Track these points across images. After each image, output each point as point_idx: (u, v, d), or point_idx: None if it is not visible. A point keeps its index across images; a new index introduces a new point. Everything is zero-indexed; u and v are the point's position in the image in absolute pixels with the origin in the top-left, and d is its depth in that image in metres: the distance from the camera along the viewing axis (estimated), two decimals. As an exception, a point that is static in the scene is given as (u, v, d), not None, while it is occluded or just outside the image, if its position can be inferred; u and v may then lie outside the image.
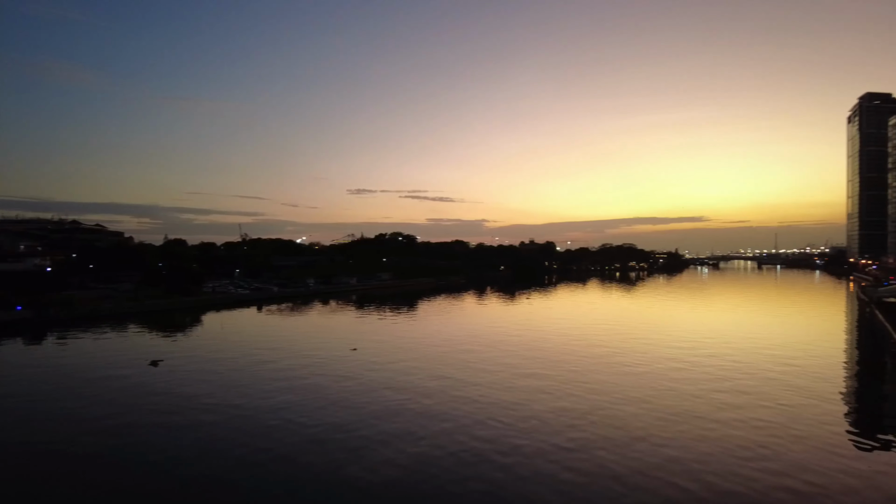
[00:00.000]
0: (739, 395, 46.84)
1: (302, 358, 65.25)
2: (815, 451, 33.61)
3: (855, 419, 42.17)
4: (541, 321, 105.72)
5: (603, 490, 28.29)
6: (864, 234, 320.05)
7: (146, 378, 55.48)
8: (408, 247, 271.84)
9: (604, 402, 44.98)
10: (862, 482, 29.10)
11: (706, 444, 34.69)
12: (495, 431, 37.44)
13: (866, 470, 30.94)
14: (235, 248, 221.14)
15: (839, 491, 27.89)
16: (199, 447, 35.16)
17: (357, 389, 49.77)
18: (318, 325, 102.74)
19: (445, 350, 70.82)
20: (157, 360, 63.11)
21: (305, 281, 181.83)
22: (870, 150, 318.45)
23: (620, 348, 70.91)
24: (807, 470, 30.43)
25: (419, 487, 28.92)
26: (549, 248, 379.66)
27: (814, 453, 33.14)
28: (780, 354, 65.61)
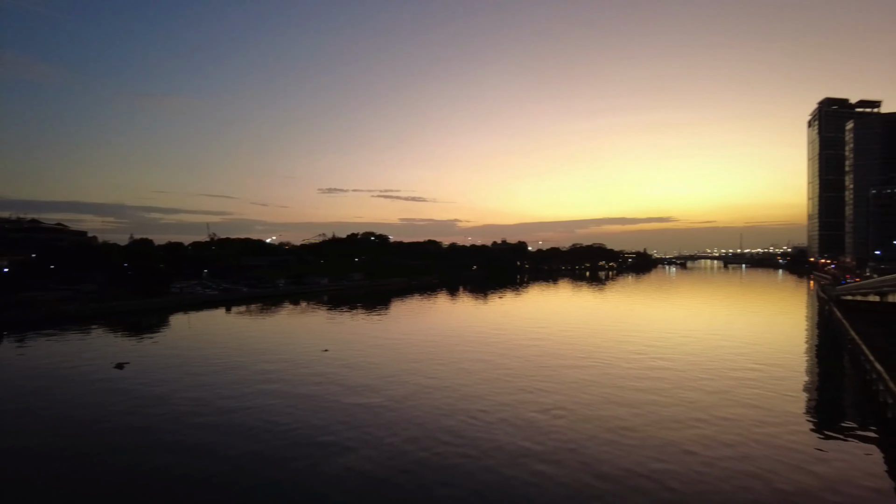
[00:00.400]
0: (706, 393, 47.94)
1: (272, 359, 64.41)
2: (778, 448, 34.59)
3: (816, 416, 43.52)
4: (513, 321, 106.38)
5: (576, 487, 28.66)
6: (824, 234, 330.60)
7: (111, 380, 54.16)
8: (380, 247, 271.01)
9: (579, 400, 45.55)
10: (821, 477, 30.12)
11: (675, 441, 35.43)
12: (470, 429, 37.56)
13: (826, 464, 32.05)
14: (203, 247, 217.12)
15: (801, 486, 28.79)
16: (167, 450, 34.48)
17: (329, 390, 49.35)
18: (289, 327, 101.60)
19: (418, 350, 70.74)
20: (122, 363, 61.58)
21: (275, 281, 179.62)
22: (828, 154, 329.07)
23: (591, 348, 71.87)
24: (770, 466, 31.34)
25: (395, 487, 28.92)
26: (521, 247, 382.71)
27: (776, 450, 34.11)
28: (745, 352, 67.40)
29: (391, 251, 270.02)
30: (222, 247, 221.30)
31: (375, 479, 29.81)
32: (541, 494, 27.86)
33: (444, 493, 28.28)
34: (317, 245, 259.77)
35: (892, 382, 40.26)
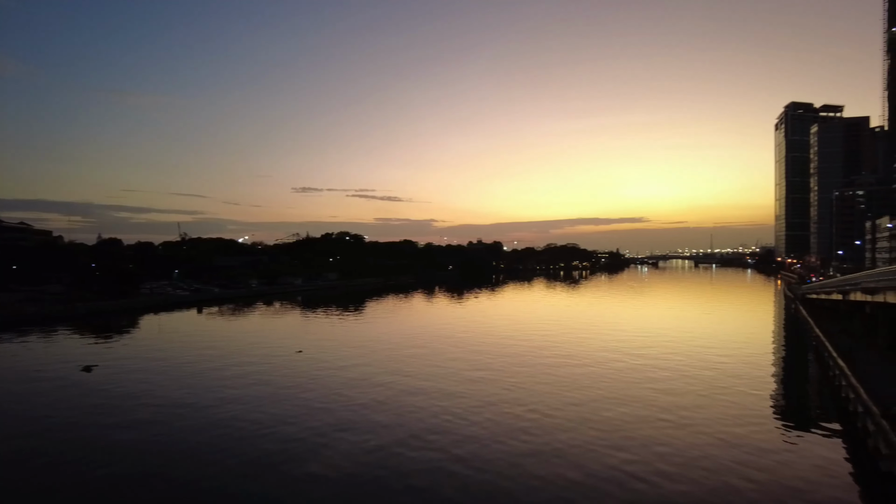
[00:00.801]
0: (676, 391, 48.84)
1: (246, 361, 63.53)
2: (746, 443, 35.40)
3: (783, 411, 44.66)
4: (488, 320, 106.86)
5: (559, 485, 28.93)
6: (790, 234, 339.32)
7: (79, 384, 52.77)
8: (355, 246, 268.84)
9: (557, 399, 45.95)
10: (788, 470, 30.94)
11: (647, 438, 36.02)
12: (447, 429, 37.56)
13: (793, 458, 32.93)
14: (174, 247, 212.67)
15: (769, 480, 29.54)
16: (138, 453, 33.71)
17: (304, 392, 48.86)
18: (262, 328, 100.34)
19: (394, 351, 70.56)
20: (90, 366, 60.07)
21: (248, 281, 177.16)
22: (794, 156, 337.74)
23: (566, 348, 72.60)
24: (739, 459, 32.07)
25: (376, 487, 28.77)
26: (497, 247, 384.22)
27: (744, 446, 34.89)
28: (715, 350, 68.88)
29: (366, 251, 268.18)
30: (194, 247, 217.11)
31: (355, 480, 29.65)
32: (525, 493, 28.04)
33: (426, 491, 28.26)
34: (291, 245, 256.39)
35: (853, 378, 41.53)
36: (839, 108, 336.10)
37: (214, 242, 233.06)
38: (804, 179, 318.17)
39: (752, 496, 27.47)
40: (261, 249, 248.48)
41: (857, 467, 31.86)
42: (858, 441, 34.79)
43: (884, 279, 53.51)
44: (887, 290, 51.25)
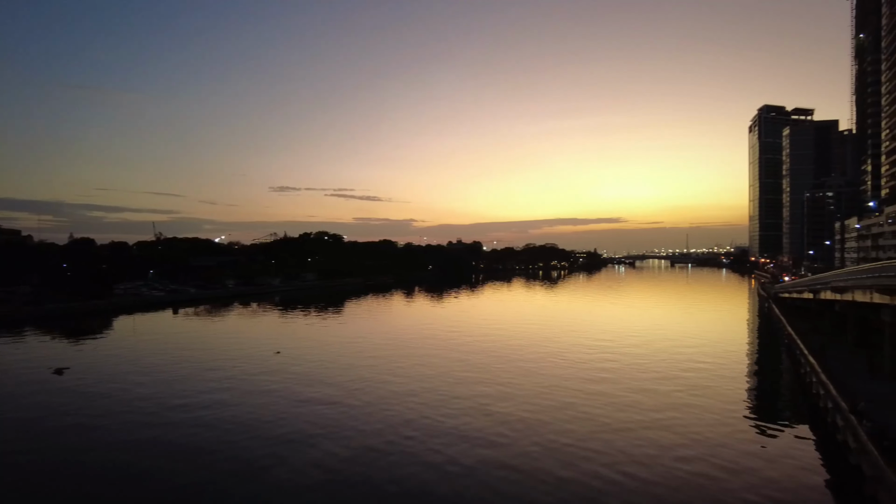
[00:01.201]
0: (655, 387, 49.52)
1: (223, 363, 62.74)
2: (722, 438, 36.06)
3: (756, 407, 45.56)
4: (469, 320, 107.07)
5: (541, 479, 29.08)
6: (764, 234, 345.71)
7: (51, 386, 51.54)
8: (334, 246, 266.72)
9: (536, 397, 46.24)
10: (761, 463, 31.55)
11: (627, 434, 36.45)
12: (431, 428, 37.53)
13: (765, 452, 33.61)
14: (149, 247, 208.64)
15: (743, 472, 30.09)
16: (116, 455, 33.05)
17: (282, 393, 48.43)
18: (240, 329, 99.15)
19: (373, 351, 70.30)
20: (62, 368, 58.75)
21: (225, 282, 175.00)
22: (767, 158, 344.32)
23: (545, 346, 73.14)
24: (714, 454, 32.63)
25: (359, 485, 28.62)
26: (477, 247, 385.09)
27: (720, 441, 35.54)
28: (691, 348, 69.95)
29: (345, 251, 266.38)
30: (169, 247, 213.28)
31: (340, 479, 29.44)
32: (508, 491, 28.12)
33: (412, 490, 28.17)
34: (268, 245, 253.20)
35: (823, 376, 42.52)
36: (810, 112, 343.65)
37: (190, 242, 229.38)
38: (777, 181, 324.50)
39: (728, 489, 27.94)
40: (238, 249, 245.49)
41: (827, 461, 32.63)
42: (829, 436, 35.63)
43: (852, 279, 54.89)
44: (855, 289, 52.57)
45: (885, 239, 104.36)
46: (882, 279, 43.42)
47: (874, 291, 45.76)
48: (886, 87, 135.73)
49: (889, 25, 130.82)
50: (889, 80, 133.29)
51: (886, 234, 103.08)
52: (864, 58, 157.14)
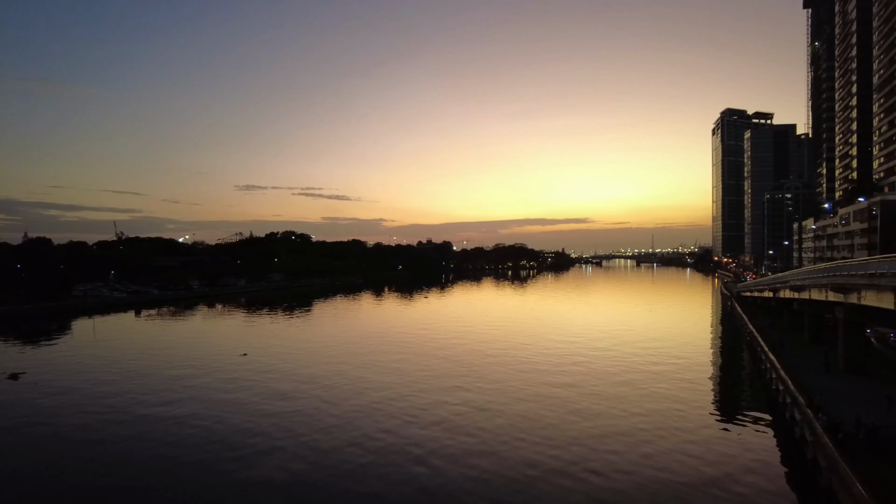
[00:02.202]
0: (621, 385, 50.37)
1: (187, 365, 61.35)
2: (686, 433, 36.87)
3: (719, 402, 46.67)
4: (439, 321, 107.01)
5: (509, 479, 29.20)
6: (726, 235, 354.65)
7: (6, 392, 49.57)
8: (301, 246, 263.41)
9: (505, 396, 46.49)
10: (723, 456, 32.36)
11: (593, 431, 36.93)
12: (397, 428, 37.37)
13: (727, 445, 34.49)
14: (110, 247, 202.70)
15: (705, 465, 30.79)
16: (76, 460, 31.96)
17: (249, 396, 47.59)
18: (205, 331, 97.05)
19: (342, 353, 69.72)
20: (17, 373, 56.65)
21: (189, 283, 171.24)
22: (730, 160, 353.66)
23: (514, 346, 73.63)
24: (678, 448, 33.33)
25: (315, 490, 28.27)
26: (447, 247, 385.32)
27: (684, 436, 36.33)
28: (657, 346, 71.32)
29: (313, 251, 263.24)
30: (131, 246, 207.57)
31: (306, 481, 29.05)
32: (475, 489, 28.15)
33: (377, 491, 27.96)
34: (233, 245, 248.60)
35: (782, 372, 43.84)
36: (770, 116, 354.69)
37: (153, 242, 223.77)
38: (739, 182, 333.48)
39: (690, 482, 28.54)
40: (202, 249, 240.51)
41: (785, 454, 33.64)
42: (787, 429, 36.75)
43: (808, 278, 56.78)
44: (811, 288, 54.39)
45: (838, 239, 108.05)
46: (836, 278, 45.01)
47: (829, 290, 47.42)
48: (839, 94, 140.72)
49: (841, 35, 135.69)
50: (841, 88, 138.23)
51: (840, 235, 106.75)
52: (819, 65, 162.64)
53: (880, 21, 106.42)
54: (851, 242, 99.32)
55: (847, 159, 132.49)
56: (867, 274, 36.82)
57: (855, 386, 42.03)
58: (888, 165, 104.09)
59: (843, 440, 27.88)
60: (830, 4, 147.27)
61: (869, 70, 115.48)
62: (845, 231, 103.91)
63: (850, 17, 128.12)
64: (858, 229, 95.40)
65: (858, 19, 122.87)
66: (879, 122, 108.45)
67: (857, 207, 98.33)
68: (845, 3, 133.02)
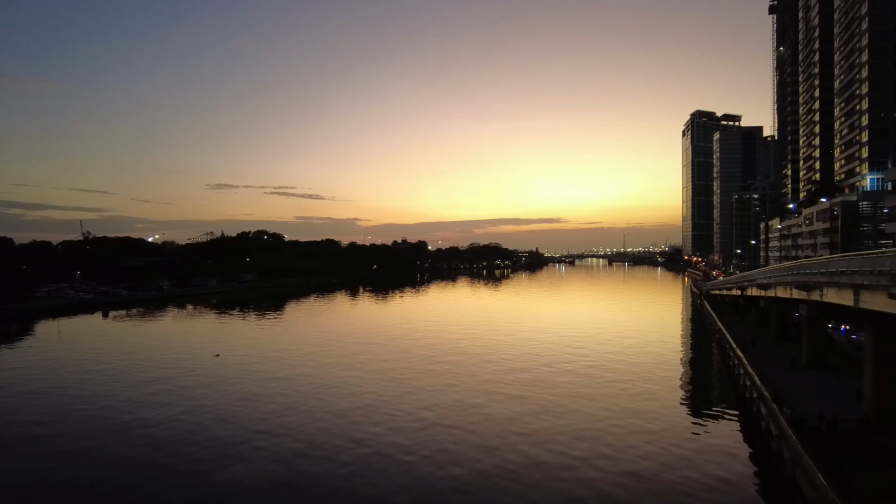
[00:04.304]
0: (592, 382, 51.17)
1: (159, 367, 60.24)
2: (656, 428, 37.69)
3: (688, 397, 47.80)
4: (413, 321, 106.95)
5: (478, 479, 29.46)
6: (696, 234, 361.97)
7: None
8: (274, 246, 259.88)
9: (479, 396, 46.82)
10: (693, 451, 33.17)
11: (564, 428, 37.47)
12: (367, 431, 37.32)
13: (696, 440, 35.39)
14: (77, 247, 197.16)
15: (674, 459, 31.54)
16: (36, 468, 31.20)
17: (222, 397, 47.01)
18: (176, 331, 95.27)
19: (315, 353, 69.27)
20: (-24, 377, 54.90)
21: (159, 283, 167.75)
22: (699, 161, 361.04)
23: (486, 347, 74.15)
24: (649, 444, 34.09)
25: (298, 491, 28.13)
26: (422, 247, 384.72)
27: (655, 431, 37.13)
28: (628, 343, 72.57)
29: (286, 251, 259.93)
30: (98, 246, 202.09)
31: (278, 483, 28.87)
32: (450, 489, 28.33)
33: (347, 494, 27.95)
34: (204, 244, 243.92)
35: (749, 367, 45.06)
36: (738, 118, 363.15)
37: (121, 242, 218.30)
38: (708, 183, 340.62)
39: (659, 474, 29.20)
40: (172, 249, 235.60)
41: (752, 447, 34.64)
42: (754, 423, 37.82)
43: (774, 276, 58.44)
44: (777, 286, 55.97)
45: (802, 239, 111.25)
46: (799, 276, 46.44)
47: (793, 288, 48.88)
48: (803, 98, 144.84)
49: (805, 40, 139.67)
50: (805, 92, 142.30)
51: (804, 235, 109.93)
52: (784, 69, 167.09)
53: (840, 28, 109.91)
54: (814, 242, 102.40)
55: (811, 161, 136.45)
56: (828, 272, 38.09)
57: (818, 380, 43.44)
58: (848, 167, 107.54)
59: (805, 433, 28.84)
60: (794, 11, 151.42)
61: (830, 75, 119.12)
62: (809, 231, 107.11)
63: (813, 24, 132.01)
64: (821, 229, 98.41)
65: (820, 25, 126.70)
66: (840, 125, 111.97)
67: (819, 208, 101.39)
68: (808, 10, 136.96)
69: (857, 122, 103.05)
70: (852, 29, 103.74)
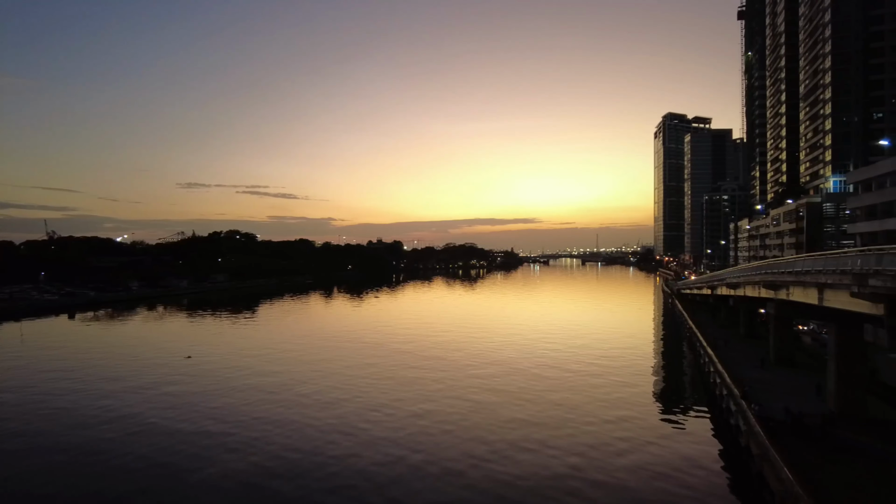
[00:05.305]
0: (565, 380, 51.74)
1: (128, 369, 58.95)
2: (629, 425, 38.29)
3: (660, 395, 48.63)
4: (388, 322, 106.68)
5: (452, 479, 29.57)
6: (668, 234, 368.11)
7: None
8: (246, 246, 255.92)
9: (457, 396, 46.94)
10: (664, 447, 33.79)
11: (538, 425, 37.82)
12: (342, 433, 37.18)
13: (667, 436, 36.04)
14: (40, 247, 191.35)
15: (646, 455, 32.09)
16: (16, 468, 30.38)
17: (195, 398, 46.24)
18: (147, 333, 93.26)
19: (286, 354, 68.63)
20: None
21: (128, 284, 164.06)
22: (671, 163, 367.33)
23: (463, 348, 74.38)
24: (622, 440, 34.62)
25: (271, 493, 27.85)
26: (397, 247, 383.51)
27: (627, 428, 37.72)
28: (601, 341, 73.55)
29: (259, 251, 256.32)
30: (64, 246, 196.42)
31: (249, 486, 28.53)
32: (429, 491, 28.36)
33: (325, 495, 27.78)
34: (175, 244, 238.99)
35: (719, 365, 46.07)
36: (708, 121, 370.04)
37: (88, 242, 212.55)
38: (679, 184, 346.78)
39: (631, 470, 29.68)
40: (142, 249, 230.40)
41: (722, 443, 35.45)
42: (724, 420, 38.68)
43: (743, 275, 59.77)
44: (746, 285, 57.26)
45: (770, 239, 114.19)
46: (767, 276, 47.61)
47: (761, 287, 50.08)
48: (770, 102, 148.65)
49: (772, 46, 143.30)
50: (772, 96, 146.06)
51: (772, 235, 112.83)
52: (753, 74, 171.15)
53: (805, 34, 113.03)
54: (782, 242, 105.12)
55: (778, 163, 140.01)
56: (794, 272, 39.15)
57: (785, 377, 44.63)
58: (813, 170, 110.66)
59: (772, 429, 29.61)
60: (762, 17, 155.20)
61: (796, 80, 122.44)
62: (776, 231, 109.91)
63: (779, 30, 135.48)
64: (787, 229, 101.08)
65: (786, 32, 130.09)
66: (805, 129, 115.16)
67: (785, 209, 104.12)
68: (775, 17, 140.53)
69: (821, 125, 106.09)
70: (816, 36, 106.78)
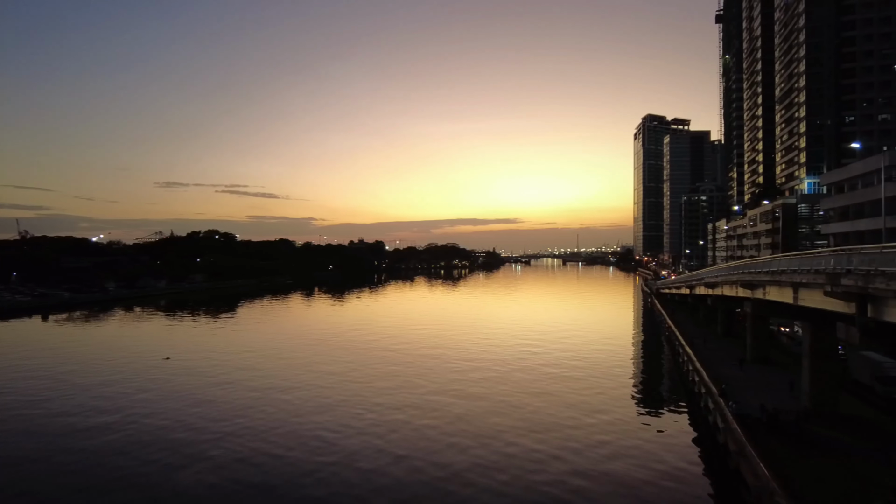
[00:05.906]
0: (546, 379, 52.06)
1: (105, 371, 57.89)
2: (609, 423, 38.67)
3: (639, 393, 49.23)
4: (369, 322, 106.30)
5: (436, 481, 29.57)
6: (647, 235, 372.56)
7: None
8: (225, 246, 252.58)
9: (436, 400, 46.95)
10: (644, 444, 34.18)
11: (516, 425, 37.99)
12: (323, 436, 36.97)
13: (646, 433, 36.47)
14: (12, 247, 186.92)
15: (626, 453, 32.43)
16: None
17: (174, 400, 45.57)
18: (124, 335, 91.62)
19: (265, 355, 68.03)
20: None
21: (104, 285, 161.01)
22: (650, 164, 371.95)
23: (444, 348, 74.46)
24: (601, 438, 34.95)
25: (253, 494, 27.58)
26: (379, 247, 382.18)
27: (607, 426, 38.10)
28: (582, 340, 74.10)
29: (238, 251, 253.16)
30: (37, 246, 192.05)
31: (226, 490, 28.22)
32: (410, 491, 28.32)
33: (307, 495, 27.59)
34: (153, 244, 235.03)
35: (698, 364, 46.73)
36: (687, 122, 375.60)
37: (63, 241, 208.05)
38: (658, 185, 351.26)
39: (610, 467, 29.99)
40: (118, 249, 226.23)
41: (700, 440, 35.95)
42: (702, 418, 39.24)
43: (721, 275, 60.70)
44: (724, 284, 58.16)
45: (747, 239, 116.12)
46: (744, 275, 48.42)
47: (738, 286, 50.92)
48: (747, 104, 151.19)
49: (748, 49, 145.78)
50: (749, 98, 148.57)
51: (749, 235, 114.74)
52: (730, 76, 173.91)
53: (780, 39, 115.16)
54: (758, 242, 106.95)
55: (754, 164, 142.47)
56: (770, 271, 39.88)
57: (761, 375, 45.43)
58: (789, 171, 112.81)
59: (749, 426, 30.13)
60: (739, 21, 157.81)
61: (772, 83, 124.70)
62: (753, 231, 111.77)
63: (756, 34, 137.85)
64: (764, 230, 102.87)
65: (762, 36, 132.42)
66: (781, 131, 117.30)
67: (762, 210, 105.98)
68: (751, 21, 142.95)
69: (795, 128, 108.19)
70: (791, 40, 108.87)
